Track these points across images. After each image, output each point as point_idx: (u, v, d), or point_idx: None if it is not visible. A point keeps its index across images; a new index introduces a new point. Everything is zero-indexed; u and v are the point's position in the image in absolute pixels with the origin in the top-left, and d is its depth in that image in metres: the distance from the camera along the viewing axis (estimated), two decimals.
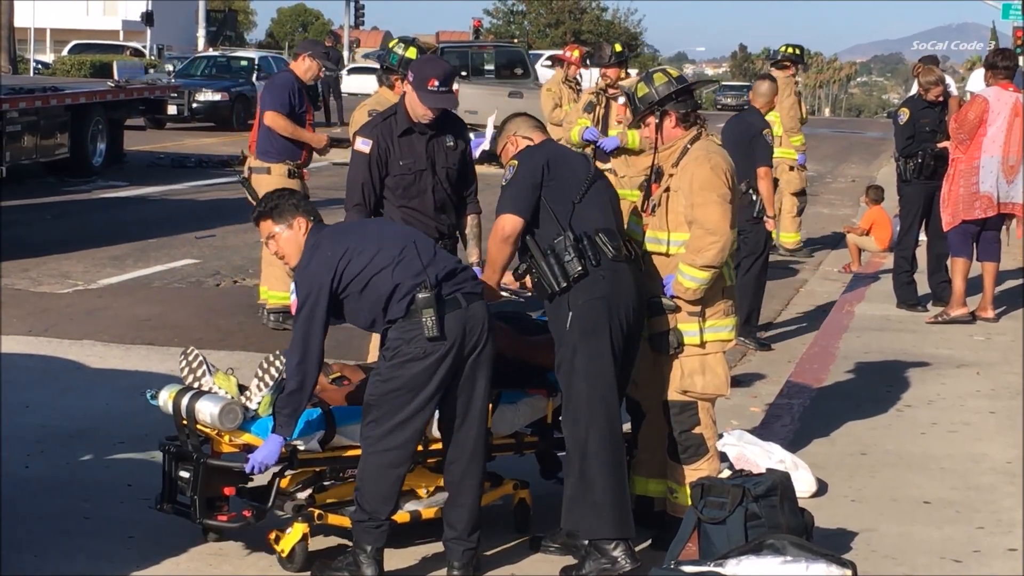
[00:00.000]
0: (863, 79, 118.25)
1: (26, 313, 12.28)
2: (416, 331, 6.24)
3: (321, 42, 13.56)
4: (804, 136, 16.91)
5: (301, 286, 6.37)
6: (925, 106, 13.39)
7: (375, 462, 6.38)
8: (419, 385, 6.27)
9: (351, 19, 66.06)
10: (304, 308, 6.32)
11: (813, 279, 15.72)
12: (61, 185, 22.08)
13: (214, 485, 6.62)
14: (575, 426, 6.55)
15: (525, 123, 7.09)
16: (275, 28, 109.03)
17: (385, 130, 7.76)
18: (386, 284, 6.28)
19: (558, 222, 6.54)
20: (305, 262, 6.43)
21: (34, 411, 9.13)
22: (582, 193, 6.61)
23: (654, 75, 7.03)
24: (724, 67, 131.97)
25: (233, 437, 6.63)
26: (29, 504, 7.43)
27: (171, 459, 6.76)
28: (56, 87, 23.23)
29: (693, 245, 6.68)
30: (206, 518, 6.63)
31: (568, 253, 6.48)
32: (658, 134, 6.92)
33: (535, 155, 6.71)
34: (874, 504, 7.66)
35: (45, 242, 16.17)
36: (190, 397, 6.60)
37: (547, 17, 76.18)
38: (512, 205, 6.58)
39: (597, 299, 6.49)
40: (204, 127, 35.26)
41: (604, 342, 6.50)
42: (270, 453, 6.36)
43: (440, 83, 7.53)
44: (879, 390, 10.17)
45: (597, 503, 6.48)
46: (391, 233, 6.62)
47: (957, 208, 12.39)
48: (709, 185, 6.71)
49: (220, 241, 16.82)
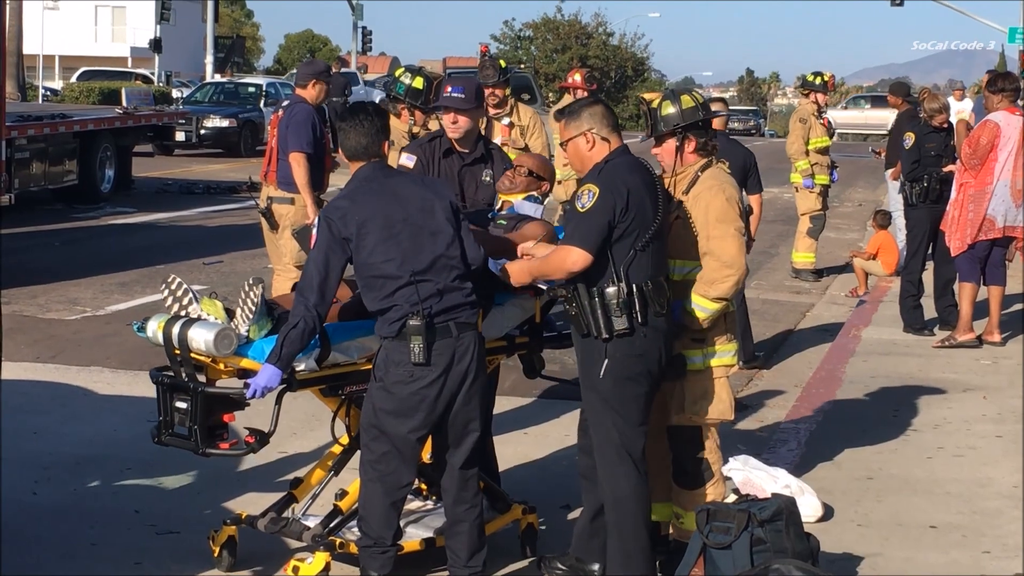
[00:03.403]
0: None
1: (34, 340, 12.31)
2: (403, 354, 6.22)
3: (320, 61, 13.44)
4: (826, 158, 17.00)
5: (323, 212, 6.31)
6: (931, 130, 13.44)
7: (372, 488, 6.37)
8: (409, 410, 6.25)
9: (359, 45, 66.11)
10: (318, 246, 6.26)
11: (820, 303, 15.72)
12: (69, 211, 22.12)
13: (213, 413, 6.44)
14: (605, 472, 6.46)
15: (605, 119, 6.54)
16: (283, 54, 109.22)
17: (428, 150, 7.77)
18: (383, 293, 6.23)
19: (614, 267, 6.30)
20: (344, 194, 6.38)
21: (42, 437, 9.16)
22: (647, 240, 6.32)
23: (681, 96, 6.90)
24: (731, 91, 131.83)
25: (229, 363, 6.45)
26: (36, 530, 7.45)
27: (165, 390, 6.53)
28: (64, 114, 23.30)
29: (708, 277, 6.65)
30: (208, 447, 6.45)
31: (618, 310, 6.29)
32: (678, 157, 6.86)
33: (617, 186, 6.29)
34: (880, 529, 7.66)
35: (53, 268, 16.20)
36: (181, 325, 6.39)
37: (554, 43, 76.19)
38: (586, 241, 6.25)
39: (636, 356, 6.37)
40: (212, 153, 35.34)
41: (637, 392, 6.41)
42: (272, 376, 6.19)
43: (452, 89, 7.60)
44: (885, 414, 10.17)
45: (628, 551, 6.44)
46: (414, 248, 6.28)
47: (966, 233, 12.39)
48: (726, 217, 6.67)
49: (228, 267, 16.85)
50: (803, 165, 16.82)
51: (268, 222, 11.46)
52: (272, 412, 6.41)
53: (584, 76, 16.27)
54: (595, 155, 6.50)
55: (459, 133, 7.67)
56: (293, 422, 9.44)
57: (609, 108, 6.66)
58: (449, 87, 7.66)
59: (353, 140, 6.44)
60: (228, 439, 6.53)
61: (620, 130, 6.64)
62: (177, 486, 8.34)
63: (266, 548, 7.09)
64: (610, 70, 75.77)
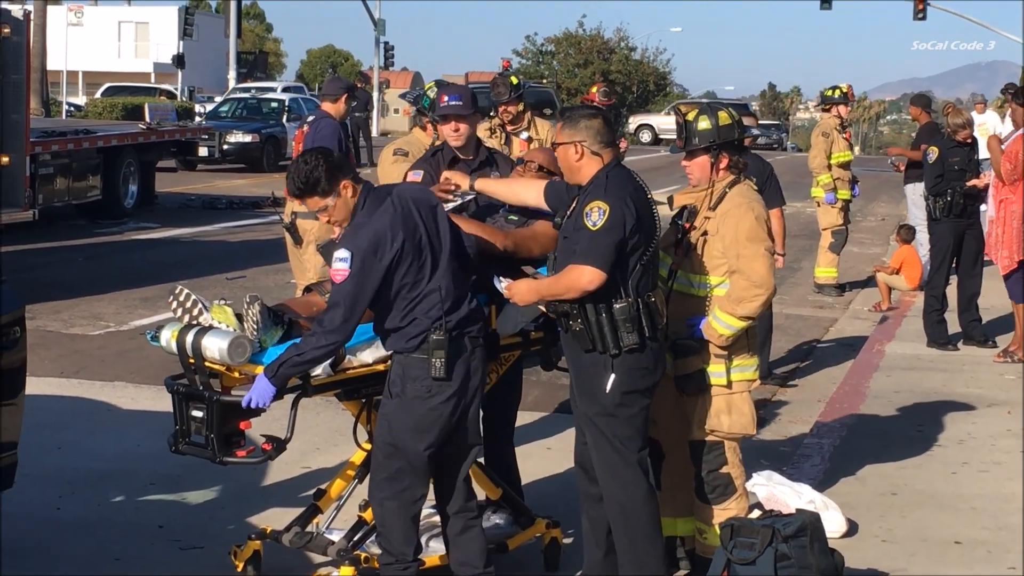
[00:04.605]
0: (892, 117, 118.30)
1: (57, 355, 12.35)
2: (422, 369, 6.17)
3: (344, 78, 13.49)
4: (848, 173, 16.97)
5: (354, 243, 6.12)
6: (954, 144, 13.38)
7: (389, 506, 6.35)
8: (428, 426, 6.22)
9: (381, 60, 66.28)
10: (357, 280, 6.08)
11: (843, 318, 15.69)
12: (93, 227, 22.20)
13: (229, 421, 6.41)
14: (611, 484, 6.41)
15: (599, 134, 6.38)
16: (305, 69, 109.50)
17: (434, 163, 7.79)
18: (405, 310, 6.16)
19: (622, 282, 6.22)
20: (362, 222, 6.20)
21: (65, 452, 9.18)
22: (650, 255, 6.29)
23: (719, 112, 6.88)
24: (753, 105, 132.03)
25: (244, 371, 6.43)
26: (60, 545, 7.47)
27: (181, 399, 6.51)
28: (88, 129, 23.39)
29: (736, 295, 6.64)
30: (224, 456, 6.42)
31: (628, 325, 6.22)
32: (713, 173, 6.84)
33: (628, 203, 6.21)
34: (905, 544, 7.63)
35: (77, 284, 16.26)
36: (195, 334, 6.38)
37: (576, 57, 76.26)
38: (599, 259, 6.15)
39: (642, 369, 6.33)
40: (235, 168, 35.43)
41: (642, 404, 6.38)
42: (264, 392, 6.12)
43: (449, 98, 7.64)
44: (909, 429, 10.14)
45: (641, 560, 6.41)
46: (434, 263, 6.24)
47: (1013, 249, 12.23)
48: (756, 236, 6.66)
49: (251, 282, 16.88)
50: (825, 179, 16.78)
51: (292, 237, 11.48)
52: (288, 418, 6.38)
53: (600, 91, 16.11)
54: (583, 167, 6.36)
55: (462, 140, 7.69)
56: (316, 437, 9.46)
57: (608, 123, 6.52)
58: (445, 96, 7.69)
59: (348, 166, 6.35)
60: (245, 447, 6.51)
61: (616, 143, 6.52)
62: (201, 501, 8.35)
63: (290, 562, 7.09)
64: (632, 84, 75.78)
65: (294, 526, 6.86)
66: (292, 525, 6.87)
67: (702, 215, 6.79)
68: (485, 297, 6.69)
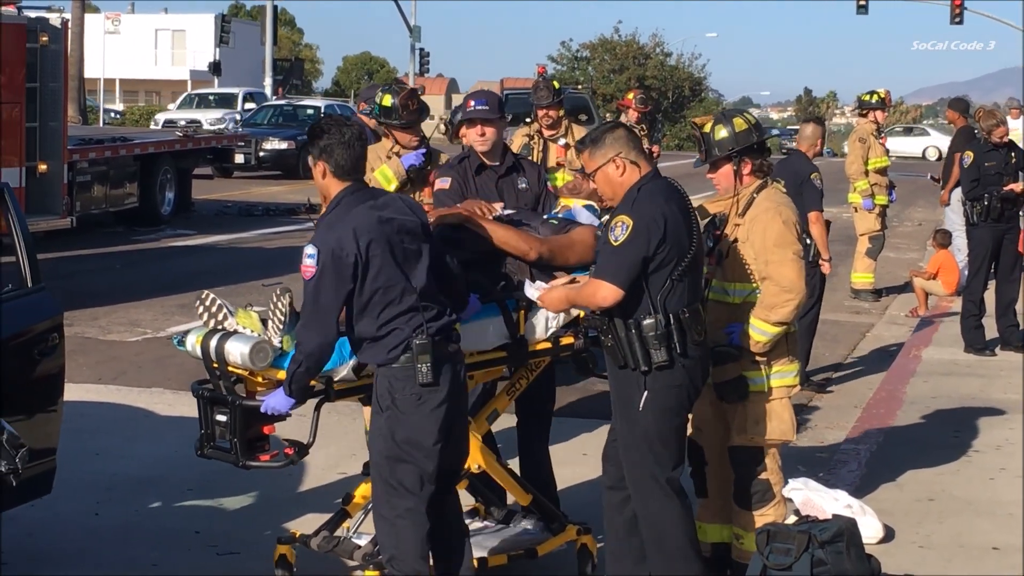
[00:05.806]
0: (929, 122, 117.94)
1: (95, 361, 12.42)
2: (407, 376, 5.97)
3: (381, 84, 13.45)
4: (885, 179, 16.92)
5: (322, 240, 5.99)
6: (990, 148, 13.33)
7: (400, 525, 6.07)
8: (422, 436, 6.00)
9: (416, 67, 66.39)
10: (324, 281, 5.98)
11: (880, 323, 15.64)
12: (130, 234, 22.33)
13: (252, 425, 6.38)
14: (644, 502, 6.35)
15: (630, 143, 6.28)
16: (341, 76, 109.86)
17: (461, 171, 7.77)
18: (383, 318, 5.98)
19: (650, 298, 6.11)
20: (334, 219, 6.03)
21: (103, 458, 9.23)
22: (683, 269, 6.12)
23: (734, 119, 6.82)
24: (789, 111, 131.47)
25: (266, 375, 6.41)
26: (98, 552, 7.50)
27: (206, 403, 6.49)
28: (125, 137, 23.54)
29: (768, 301, 6.62)
30: (248, 460, 6.38)
31: (656, 342, 6.09)
32: (737, 180, 6.82)
33: (655, 217, 6.06)
34: (942, 551, 7.60)
35: (114, 290, 16.35)
36: (218, 338, 6.38)
37: (611, 63, 76.16)
38: (617, 276, 6.06)
39: (675, 387, 6.23)
40: (271, 175, 35.54)
41: (677, 423, 6.31)
42: (282, 403, 6.11)
43: (476, 103, 7.64)
44: (947, 435, 10.10)
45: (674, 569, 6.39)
46: (411, 267, 6.02)
47: None
48: (784, 241, 6.64)
49: (287, 288, 16.90)
50: (862, 185, 16.75)
51: None
52: (311, 422, 6.34)
53: (637, 98, 15.94)
54: (627, 180, 6.24)
55: (488, 145, 7.68)
56: (352, 443, 9.48)
57: (632, 132, 6.46)
58: (472, 101, 7.69)
59: (344, 156, 6.19)
60: (269, 451, 6.48)
61: (647, 151, 6.43)
62: (238, 507, 8.38)
63: (322, 568, 7.11)
64: (667, 90, 75.65)
65: (323, 530, 6.88)
66: (321, 529, 6.89)
67: (732, 222, 6.77)
68: (513, 302, 6.69)
